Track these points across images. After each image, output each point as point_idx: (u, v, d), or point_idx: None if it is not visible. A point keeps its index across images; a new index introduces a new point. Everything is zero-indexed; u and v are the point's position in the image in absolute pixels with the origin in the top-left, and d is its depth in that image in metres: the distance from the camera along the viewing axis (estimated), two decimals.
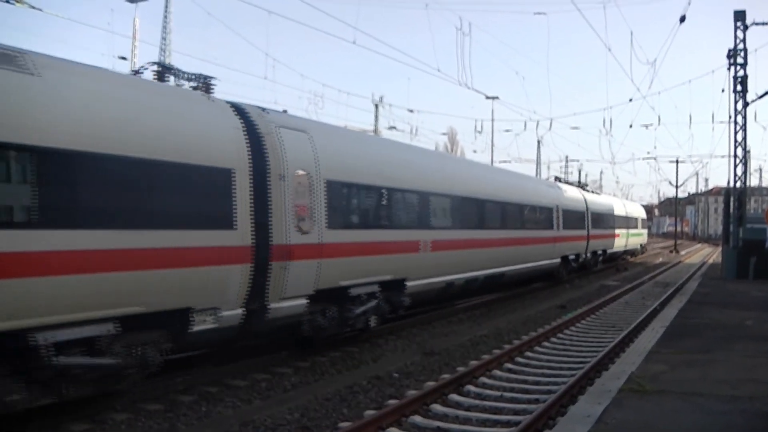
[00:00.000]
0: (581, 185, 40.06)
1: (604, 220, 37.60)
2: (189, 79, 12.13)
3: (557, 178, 39.34)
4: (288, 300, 11.62)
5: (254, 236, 10.79)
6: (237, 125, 10.94)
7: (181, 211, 9.74)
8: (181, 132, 9.96)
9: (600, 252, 36.53)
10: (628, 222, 45.64)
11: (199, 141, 10.18)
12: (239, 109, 11.42)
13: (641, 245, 53.73)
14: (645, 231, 56.57)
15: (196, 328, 9.97)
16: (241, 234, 10.57)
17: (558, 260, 28.17)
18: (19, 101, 7.78)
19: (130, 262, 8.80)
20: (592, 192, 40.54)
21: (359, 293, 13.70)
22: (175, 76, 11.91)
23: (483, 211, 20.20)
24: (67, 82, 8.57)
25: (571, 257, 30.38)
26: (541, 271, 26.28)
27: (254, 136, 11.14)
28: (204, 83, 12.15)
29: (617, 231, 41.05)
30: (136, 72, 11.33)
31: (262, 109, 12.21)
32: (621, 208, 44.97)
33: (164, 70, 11.73)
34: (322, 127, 14.47)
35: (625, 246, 44.72)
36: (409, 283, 15.44)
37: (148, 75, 11.40)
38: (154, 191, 9.33)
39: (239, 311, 10.69)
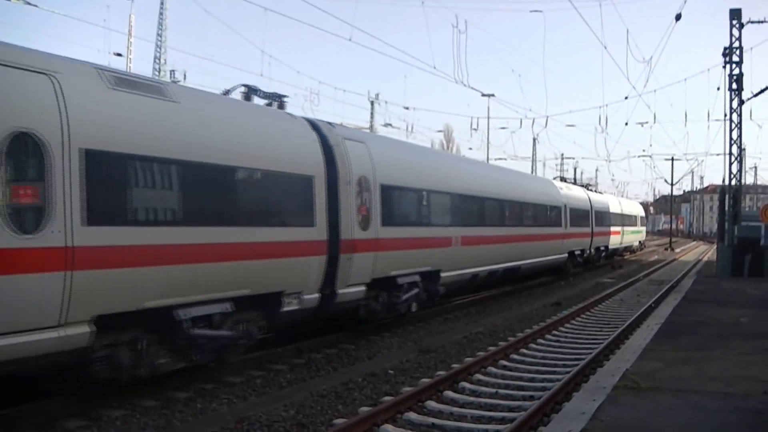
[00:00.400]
0: (585, 185, 42.58)
1: (607, 218, 39.55)
2: (265, 98, 13.59)
3: (563, 179, 41.26)
4: (351, 287, 13.80)
5: (328, 232, 12.89)
6: (315, 138, 13.09)
7: (278, 212, 11.96)
8: (278, 146, 12.09)
9: (603, 248, 38.60)
10: (629, 220, 47.80)
11: (291, 153, 12.28)
12: (313, 124, 13.65)
13: (640, 242, 55.71)
14: (644, 228, 58.77)
15: (285, 309, 12.00)
16: (319, 230, 12.65)
17: (565, 255, 30.22)
18: (167, 124, 9.79)
19: (244, 253, 10.79)
20: (595, 191, 42.62)
21: (404, 282, 15.78)
22: (257, 95, 13.48)
23: (504, 211, 22.56)
24: (199, 108, 10.74)
25: (577, 253, 32.65)
26: (550, 266, 28.57)
27: (327, 148, 13.26)
28: (278, 101, 13.71)
29: (618, 228, 42.94)
30: (227, 92, 13.07)
31: (330, 123, 14.60)
32: (622, 206, 46.99)
33: (250, 91, 13.41)
34: (377, 138, 17.75)
35: (626, 243, 46.67)
36: (443, 274, 17.44)
37: (236, 95, 13.18)
38: (262, 195, 11.57)
39: (316, 295, 12.80)
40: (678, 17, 26.12)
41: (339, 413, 9.34)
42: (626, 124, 50.67)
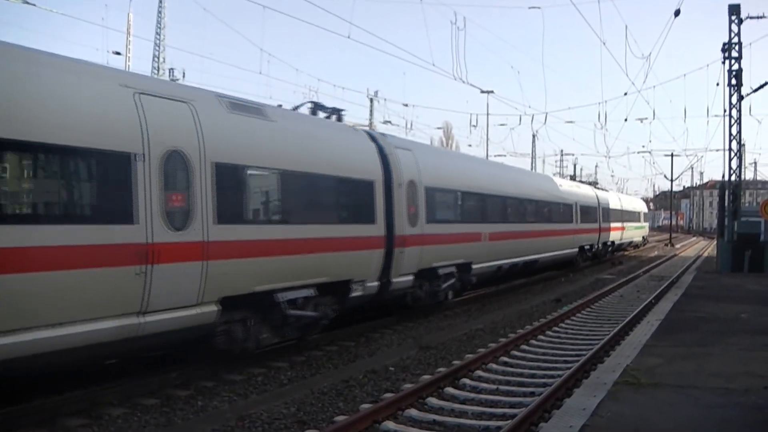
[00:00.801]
0: (593, 183, 45.53)
1: (613, 214, 41.50)
2: (325, 111, 15.54)
3: (572, 177, 45.04)
4: (402, 276, 15.85)
5: (385, 229, 14.95)
6: (374, 148, 15.30)
7: (350, 212, 14.13)
8: (349, 156, 14.23)
9: (609, 243, 40.93)
10: (633, 216, 50.18)
11: (358, 162, 14.45)
12: (371, 135, 16.04)
13: (643, 237, 57.63)
14: (647, 224, 60.89)
15: (352, 294, 14.05)
16: (379, 227, 14.79)
17: (576, 250, 32.66)
18: (268, 140, 11.87)
19: (325, 247, 12.93)
20: (602, 189, 45.33)
21: (444, 273, 17.86)
22: (321, 110, 15.47)
23: (524, 209, 24.85)
24: (291, 126, 12.97)
25: (587, 247, 35.07)
26: (563, 259, 30.76)
27: (383, 156, 15.37)
28: (338, 114, 15.74)
29: (624, 224, 45.24)
30: (296, 108, 15.00)
31: (383, 134, 17.12)
32: (627, 203, 49.25)
33: (316, 107, 15.50)
34: (421, 146, 19.81)
35: (631, 238, 49.13)
36: (474, 266, 19.61)
37: (303, 109, 15.21)
38: (338, 197, 13.86)
39: (376, 283, 14.88)
40: (677, 13, 26.13)
41: (340, 410, 9.34)
42: (625, 120, 50.72)
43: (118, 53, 46.17)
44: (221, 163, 10.53)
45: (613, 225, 41.25)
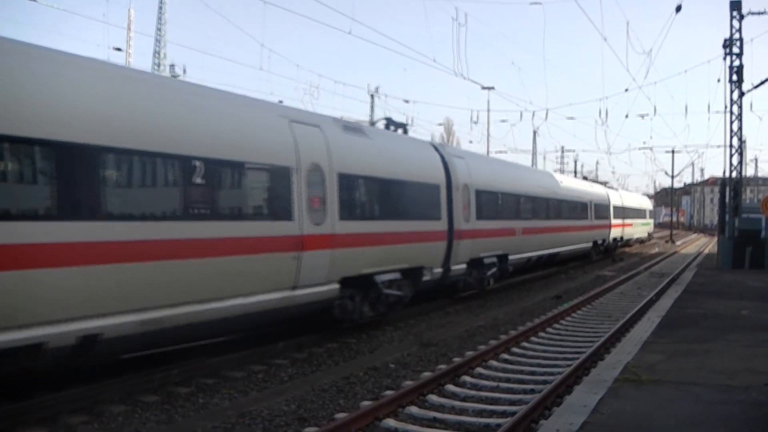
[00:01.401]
0: (604, 183, 49.45)
1: (621, 212, 44.77)
2: (395, 126, 18.84)
3: (585, 177, 48.93)
4: (458, 265, 18.65)
5: (447, 224, 17.78)
6: (438, 158, 18.26)
7: (424, 210, 16.90)
8: (422, 165, 17.31)
9: (619, 238, 44.20)
10: (639, 213, 53.37)
11: (428, 169, 17.47)
12: (434, 146, 19.29)
13: (649, 233, 60.75)
14: (652, 221, 64.04)
15: (424, 279, 16.77)
16: (443, 223, 17.66)
17: (590, 244, 35.91)
18: (368, 154, 14.92)
19: (408, 239, 15.84)
20: (612, 188, 49.36)
21: (488, 262, 20.82)
22: (393, 125, 18.82)
23: (548, 207, 27.86)
24: (383, 142, 16.20)
25: (599, 242, 38.11)
26: (580, 252, 34.15)
27: (444, 164, 18.26)
28: (403, 128, 19.02)
29: (631, 221, 48.64)
30: (372, 124, 18.28)
31: (442, 145, 21.48)
32: (634, 201, 53.10)
33: (389, 123, 18.91)
34: (471, 154, 23.30)
35: (637, 234, 52.61)
36: (510, 257, 22.60)
37: (379, 124, 18.80)
38: (417, 198, 16.58)
39: (440, 269, 17.64)
40: (678, 9, 26.12)
41: (340, 407, 9.35)
42: (626, 116, 50.74)
43: (119, 49, 46.25)
44: (342, 173, 13.52)
45: (622, 221, 44.46)
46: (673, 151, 72.65)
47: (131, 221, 9.13)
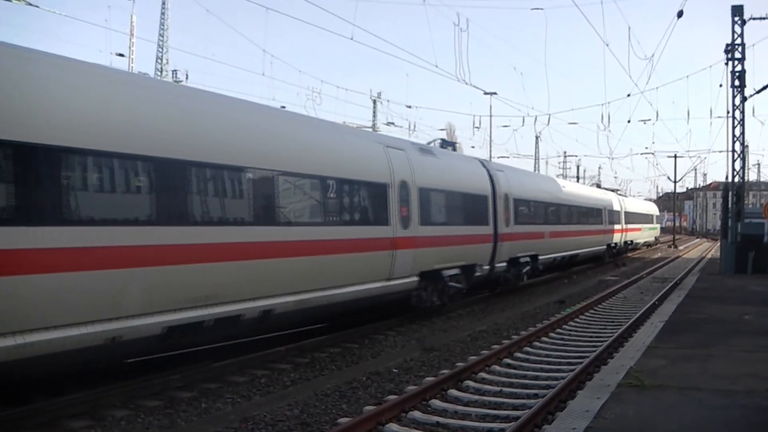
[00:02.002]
0: (615, 190, 53.35)
1: (632, 217, 48.37)
2: (447, 145, 22.39)
3: (597, 185, 52.80)
4: (500, 263, 21.90)
5: (493, 229, 21.06)
6: (485, 172, 21.69)
7: (476, 217, 20.09)
8: (475, 179, 20.73)
9: (629, 242, 47.71)
10: (647, 219, 57.40)
11: (479, 182, 20.86)
12: (481, 162, 22.70)
13: (655, 237, 64.96)
14: (659, 226, 68.56)
15: (476, 274, 20.00)
16: (490, 228, 20.92)
17: (605, 247, 39.21)
18: (436, 170, 18.13)
19: (466, 240, 19.08)
20: (624, 195, 53.93)
21: (523, 261, 24.07)
22: (446, 144, 22.54)
23: (570, 213, 31.28)
24: (445, 159, 19.47)
25: (612, 245, 41.39)
26: (596, 254, 37.41)
27: (490, 177, 21.66)
28: (453, 147, 22.62)
29: (640, 226, 52.36)
30: (429, 143, 21.20)
31: (486, 161, 25.26)
32: (642, 207, 57.58)
33: (444, 143, 22.55)
34: (509, 168, 26.63)
35: (646, 238, 56.46)
36: (540, 257, 25.70)
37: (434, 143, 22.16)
38: (472, 207, 19.86)
39: (488, 267, 20.90)
40: (680, 14, 26.04)
41: (343, 412, 9.34)
42: (629, 121, 50.31)
43: (121, 55, 46.25)
44: (421, 187, 16.69)
45: (632, 226, 48.01)
46: (675, 156, 72.63)
47: (307, 226, 12.92)
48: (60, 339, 8.13)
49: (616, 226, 41.93)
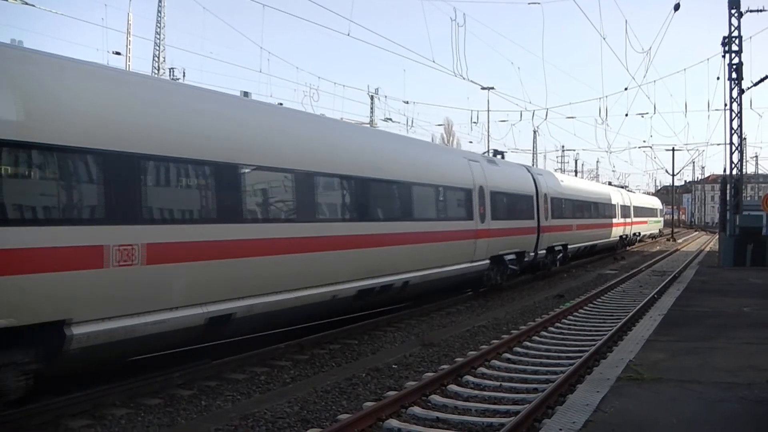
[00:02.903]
0: (624, 186, 59.48)
1: (639, 211, 53.03)
2: (498, 154, 26.88)
3: (609, 183, 55.79)
4: (541, 251, 26.07)
5: (537, 222, 25.34)
6: (529, 175, 26.27)
7: (526, 212, 24.39)
8: (523, 182, 24.98)
9: (636, 234, 52.75)
10: (652, 212, 62.47)
11: (527, 184, 25.26)
12: (525, 167, 27.76)
13: (659, 229, 69.74)
14: (662, 219, 72.65)
15: (525, 259, 23.97)
16: (535, 221, 25.20)
17: (618, 238, 44.05)
18: (500, 176, 22.86)
19: (519, 232, 23.29)
20: (632, 192, 59.06)
21: (557, 249, 28.38)
22: (497, 154, 26.95)
23: (591, 208, 36.00)
24: (503, 167, 23.94)
25: (623, 236, 46.27)
26: (610, 245, 41.85)
27: (533, 179, 26.11)
28: (502, 155, 26.81)
29: (646, 219, 57.18)
30: (484, 152, 26.19)
31: (528, 166, 30.64)
32: (648, 202, 62.29)
33: (495, 152, 26.94)
34: (546, 171, 33.00)
35: (651, 230, 61.48)
36: (569, 246, 30.26)
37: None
38: (518, 205, 23.76)
39: (533, 253, 25.01)
40: (677, 7, 26.15)
41: (343, 408, 9.34)
42: (626, 115, 50.47)
43: (118, 53, 46.04)
44: (492, 190, 21.11)
45: (639, 219, 52.85)
46: (673, 150, 72.64)
47: (428, 221, 17.49)
48: (306, 296, 12.46)
49: (627, 220, 46.74)
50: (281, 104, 18.39)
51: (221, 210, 10.49)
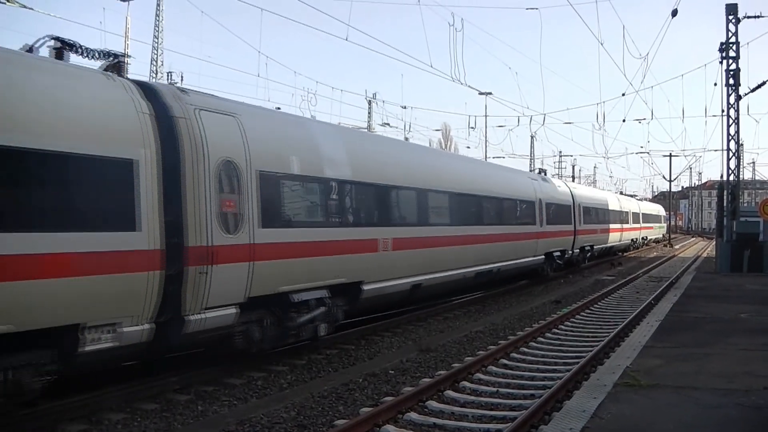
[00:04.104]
0: (633, 195, 68.76)
1: (647, 218, 60.37)
2: (540, 171, 36.67)
3: (621, 192, 64.50)
4: (576, 250, 32.40)
5: (574, 226, 31.47)
6: (567, 189, 33.31)
7: (566, 218, 30.66)
8: (562, 193, 31.53)
9: (644, 237, 59.09)
10: (657, 219, 69.03)
11: (565, 195, 31.59)
12: (564, 182, 37.59)
13: (663, 234, 75.32)
14: (665, 225, 78.44)
15: (566, 255, 30.53)
16: (572, 226, 31.29)
17: (629, 241, 50.58)
18: (552, 192, 30.07)
19: (561, 234, 29.55)
20: (640, 200, 66.60)
21: (586, 248, 34.83)
22: (543, 171, 36.11)
23: (612, 215, 42.23)
24: (550, 183, 30.96)
25: (634, 239, 53.13)
26: (622, 248, 48.83)
27: (570, 191, 33.03)
28: (544, 173, 33.63)
29: (652, 225, 63.84)
30: (531, 169, 42.36)
31: (565, 181, 43.84)
32: (654, 209, 68.97)
33: (540, 171, 34.34)
34: (579, 186, 42.42)
35: (656, 234, 68.17)
36: (595, 247, 37.18)
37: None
38: (561, 213, 29.91)
39: (570, 251, 31.33)
40: (674, 13, 26.18)
41: (340, 414, 9.34)
42: (623, 120, 50.36)
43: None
44: (546, 202, 27.11)
45: (647, 225, 59.92)
46: (670, 156, 72.63)
47: (509, 225, 23.10)
48: (457, 274, 18.63)
49: (637, 225, 54.17)
50: (279, 108, 23.01)
51: (421, 217, 16.98)
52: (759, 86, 28.65)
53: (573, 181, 71.87)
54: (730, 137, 28.86)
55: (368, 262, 14.27)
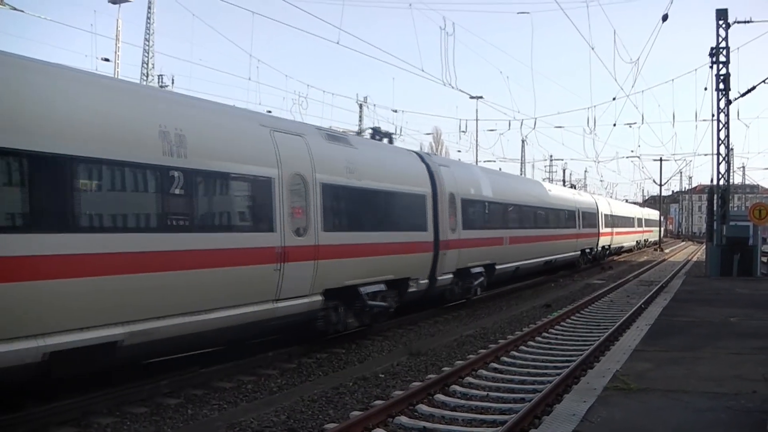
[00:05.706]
0: (636, 203, 78.72)
1: (647, 222, 68.89)
2: (561, 183, 65.17)
3: (625, 200, 73.17)
4: (600, 248, 41.92)
5: (598, 231, 40.91)
6: (593, 200, 43.54)
7: (593, 222, 39.85)
8: (591, 202, 41.75)
9: (645, 240, 68.00)
10: (654, 223, 75.42)
11: (592, 204, 41.61)
12: (591, 194, 49.40)
13: (659, 237, 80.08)
14: (662, 229, 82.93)
15: (591, 253, 39.73)
16: (598, 229, 40.88)
17: (636, 242, 60.00)
18: (581, 201, 39.84)
19: (591, 235, 39.11)
20: (641, 207, 78.04)
21: (608, 248, 45.11)
22: (572, 186, 59.31)
23: (622, 220, 49.88)
24: (579, 194, 43.23)
25: (638, 241, 62.01)
26: (631, 248, 57.69)
27: (594, 200, 43.17)
28: (573, 186, 53.32)
29: (650, 228, 71.43)
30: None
31: (594, 193, 57.08)
32: (652, 214, 76.03)
33: (572, 186, 57.25)
34: (602, 197, 54.42)
35: (653, 237, 74.40)
36: (612, 246, 46.12)
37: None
38: (590, 217, 39.51)
39: (595, 250, 40.66)
40: (665, 18, 26.26)
41: (330, 418, 9.32)
42: (614, 125, 51.04)
43: (107, 60, 45.93)
44: (582, 210, 36.87)
45: (647, 229, 68.43)
46: (661, 160, 73.14)
47: (552, 229, 30.56)
48: (533, 262, 27.41)
49: (639, 229, 62.16)
50: (269, 111, 24.88)
51: (511, 223, 24.10)
52: (749, 91, 28.86)
53: (564, 185, 72.55)
54: (720, 141, 29.00)
55: (498, 251, 22.45)
